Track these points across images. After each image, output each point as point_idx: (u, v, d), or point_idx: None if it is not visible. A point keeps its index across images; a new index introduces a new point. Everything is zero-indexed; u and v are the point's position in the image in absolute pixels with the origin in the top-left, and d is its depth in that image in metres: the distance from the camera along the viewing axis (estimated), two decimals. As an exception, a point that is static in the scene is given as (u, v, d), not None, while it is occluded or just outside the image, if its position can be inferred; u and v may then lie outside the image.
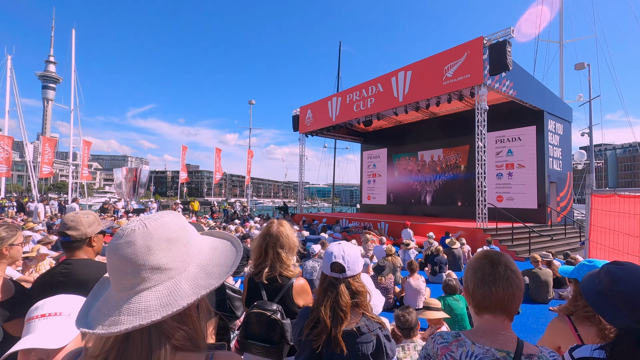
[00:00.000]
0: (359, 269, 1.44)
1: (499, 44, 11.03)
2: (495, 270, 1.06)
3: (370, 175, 23.13)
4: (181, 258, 0.71)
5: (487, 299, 1.07)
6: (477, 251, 1.18)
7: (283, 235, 1.92)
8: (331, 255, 1.42)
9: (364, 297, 1.42)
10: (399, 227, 13.42)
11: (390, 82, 14.85)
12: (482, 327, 1.11)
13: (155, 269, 0.67)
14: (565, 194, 15.86)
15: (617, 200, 2.73)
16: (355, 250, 1.46)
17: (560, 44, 26.52)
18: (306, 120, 20.46)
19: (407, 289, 5.40)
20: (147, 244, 0.67)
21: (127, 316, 0.63)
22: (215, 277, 0.72)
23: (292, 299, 1.85)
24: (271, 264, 1.87)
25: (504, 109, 14.76)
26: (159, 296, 0.66)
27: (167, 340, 0.66)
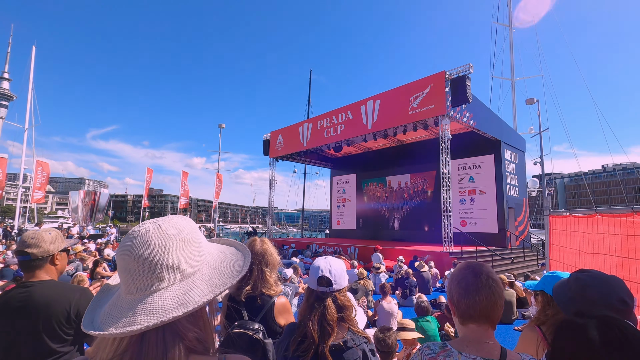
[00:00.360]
0: (345, 283, 1.46)
1: (459, 79, 11.89)
2: (478, 279, 1.12)
3: (340, 200, 23.36)
4: (195, 259, 0.72)
5: (472, 308, 1.11)
6: (459, 263, 1.24)
7: (267, 252, 1.90)
8: (318, 270, 1.43)
9: (349, 311, 1.43)
10: (368, 252, 13.52)
11: (360, 110, 15.41)
12: (467, 337, 1.15)
13: (172, 269, 0.67)
14: (522, 218, 16.81)
15: (572, 220, 2.97)
16: (342, 265, 1.48)
17: (512, 81, 28.96)
18: (277, 145, 20.55)
19: (379, 312, 5.40)
20: (164, 243, 0.68)
21: (144, 316, 0.62)
22: (229, 277, 0.73)
23: (273, 318, 1.81)
24: (254, 282, 1.84)
25: (466, 138, 15.69)
26: (176, 295, 0.66)
27: (181, 341, 0.66)
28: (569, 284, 1.27)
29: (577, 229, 2.90)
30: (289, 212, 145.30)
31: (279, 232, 66.97)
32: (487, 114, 15.25)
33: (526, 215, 17.38)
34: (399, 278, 8.02)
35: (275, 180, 22.00)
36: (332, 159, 23.57)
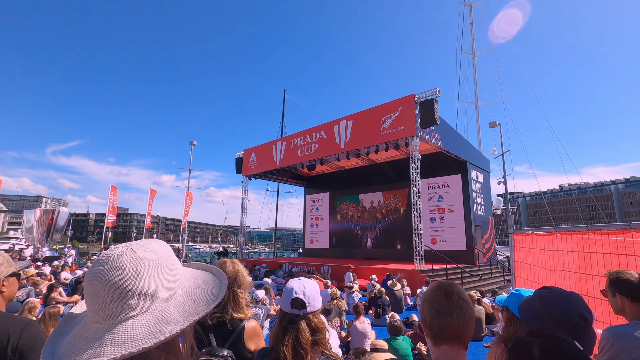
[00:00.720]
0: (319, 305, 1.44)
1: (427, 101, 12.43)
2: (450, 300, 1.13)
3: (313, 219, 23.29)
4: (169, 285, 0.69)
5: (444, 329, 1.12)
6: (431, 283, 1.26)
7: (239, 274, 1.85)
8: (291, 291, 1.40)
9: (323, 334, 1.40)
10: (342, 271, 13.46)
11: (333, 129, 15.68)
12: (440, 358, 1.16)
13: (144, 295, 0.64)
14: (488, 236, 17.45)
15: (534, 238, 3.13)
16: (315, 286, 1.46)
17: (476, 105, 30.68)
18: (250, 163, 20.38)
19: (353, 332, 5.34)
20: (136, 269, 0.65)
21: (111, 347, 0.58)
22: (204, 304, 0.70)
23: (243, 343, 1.74)
24: (224, 305, 1.77)
25: (434, 158, 16.29)
26: (147, 324, 0.62)
27: None
28: (533, 301, 1.32)
29: (539, 247, 3.05)
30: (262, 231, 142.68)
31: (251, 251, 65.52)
32: (454, 135, 15.96)
33: (492, 233, 18.06)
34: (372, 297, 8.01)
35: (247, 199, 21.67)
36: (306, 177, 23.64)
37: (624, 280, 1.74)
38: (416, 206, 12.83)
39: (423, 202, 16.22)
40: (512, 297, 1.77)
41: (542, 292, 1.32)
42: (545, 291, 1.31)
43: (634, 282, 1.71)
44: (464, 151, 16.35)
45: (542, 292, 1.32)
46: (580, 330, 1.18)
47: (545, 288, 1.34)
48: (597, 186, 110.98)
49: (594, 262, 2.45)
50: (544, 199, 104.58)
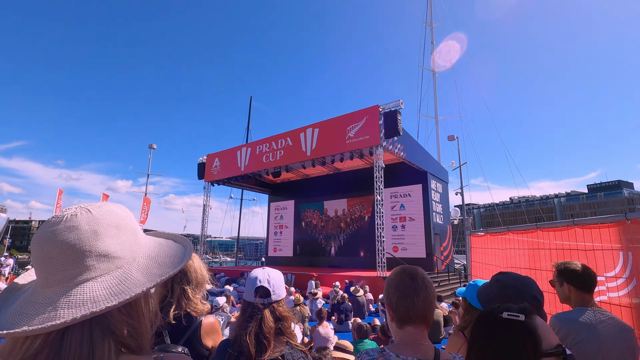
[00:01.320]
0: (284, 294, 1.40)
1: (391, 113, 12.87)
2: (415, 282, 1.17)
3: (277, 227, 23.02)
4: (130, 247, 0.63)
5: (411, 310, 1.15)
6: (394, 268, 1.28)
7: (191, 269, 1.74)
8: (255, 280, 1.36)
9: (288, 323, 1.37)
10: (305, 279, 13.37)
11: (299, 137, 15.71)
12: (404, 340, 1.17)
13: (103, 257, 0.58)
14: (446, 244, 18.18)
15: (490, 238, 3.30)
16: (280, 275, 1.43)
17: (436, 120, 32.21)
18: (213, 168, 19.83)
19: (315, 337, 5.28)
20: (94, 228, 0.59)
21: (69, 309, 0.52)
22: (169, 266, 0.65)
23: (199, 339, 1.65)
24: (177, 302, 1.67)
25: (397, 168, 16.79)
26: (108, 286, 0.56)
27: (111, 336, 0.56)
28: (491, 286, 1.39)
29: (493, 246, 3.23)
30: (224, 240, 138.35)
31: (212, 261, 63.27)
32: (415, 147, 16.59)
33: (450, 241, 18.84)
34: (334, 303, 8.01)
35: (209, 206, 20.99)
36: (271, 184, 23.38)
37: (571, 270, 1.87)
38: (379, 214, 13.10)
39: (386, 210, 16.60)
40: (469, 287, 1.84)
41: (499, 277, 1.39)
42: (502, 276, 1.38)
43: (579, 272, 1.85)
44: (425, 162, 17.03)
45: (499, 277, 1.39)
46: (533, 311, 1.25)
47: (502, 273, 1.41)
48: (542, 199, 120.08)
49: (542, 258, 2.62)
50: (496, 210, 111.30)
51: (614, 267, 2.02)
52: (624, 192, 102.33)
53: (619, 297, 2.01)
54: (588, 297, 1.80)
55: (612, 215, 2.02)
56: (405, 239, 16.99)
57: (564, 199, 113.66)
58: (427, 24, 34.84)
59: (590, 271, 1.84)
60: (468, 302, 1.83)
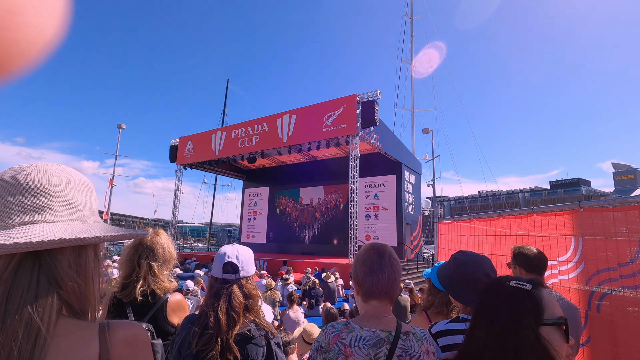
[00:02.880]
0: (253, 270, 1.41)
1: (368, 102, 12.93)
2: (382, 259, 1.20)
3: (251, 214, 22.84)
4: (93, 210, 0.64)
5: (375, 285, 1.19)
6: (363, 245, 1.32)
7: (158, 246, 1.71)
8: (224, 256, 1.35)
9: (255, 300, 1.38)
10: (278, 265, 13.42)
11: (276, 122, 15.52)
12: (368, 313, 1.21)
13: (69, 205, 0.58)
14: (417, 234, 18.74)
15: (456, 226, 3.44)
16: (249, 252, 1.43)
17: (412, 112, 32.74)
18: (186, 151, 19.28)
19: (286, 321, 5.35)
20: (66, 177, 0.59)
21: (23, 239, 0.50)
22: (126, 232, 0.65)
23: (165, 316, 1.63)
24: (144, 279, 1.63)
25: (372, 158, 16.99)
26: (66, 230, 0.55)
27: (57, 289, 0.55)
28: (449, 264, 1.45)
29: (460, 233, 3.37)
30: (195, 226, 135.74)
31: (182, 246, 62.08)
32: (391, 138, 16.82)
33: (420, 231, 19.43)
34: (306, 289, 8.11)
35: (181, 190, 20.48)
36: (245, 170, 23.07)
37: (523, 254, 1.99)
38: (353, 202, 13.28)
39: (360, 199, 16.86)
40: (434, 269, 1.91)
41: (456, 255, 1.45)
42: (459, 254, 1.45)
43: (529, 255, 1.97)
44: (399, 153, 17.33)
45: (456, 255, 1.45)
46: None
47: (460, 252, 1.48)
48: (508, 194, 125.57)
49: (504, 245, 2.77)
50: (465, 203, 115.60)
51: (566, 251, 2.17)
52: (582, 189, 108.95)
53: (569, 279, 2.16)
54: None
55: (567, 204, 2.16)
56: (378, 227, 17.35)
57: (528, 194, 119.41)
58: (407, 16, 35.02)
59: (541, 255, 1.97)
60: (432, 283, 1.91)
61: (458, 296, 1.35)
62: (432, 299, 1.90)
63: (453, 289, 1.37)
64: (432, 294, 1.90)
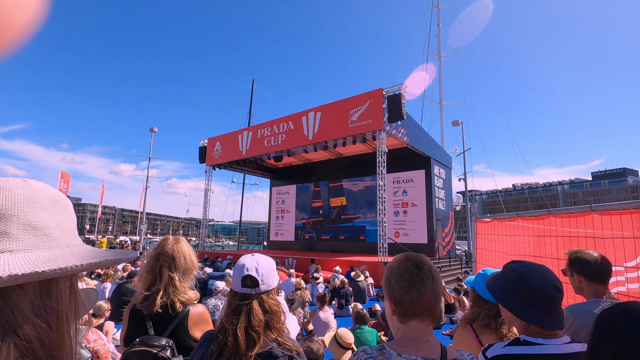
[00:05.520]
0: (274, 283, 1.28)
1: (395, 96, 12.55)
2: (422, 271, 1.03)
3: (279, 212, 23.01)
4: (67, 231, 0.52)
5: (417, 302, 1.02)
6: (396, 256, 1.15)
7: (179, 254, 1.62)
8: (243, 268, 1.23)
9: (278, 317, 1.24)
10: (306, 263, 13.38)
11: (301, 120, 15.46)
12: (407, 336, 1.04)
13: (32, 228, 0.47)
14: (448, 230, 18.11)
15: (496, 224, 3.17)
16: (270, 263, 1.30)
17: (440, 105, 31.67)
18: (214, 152, 19.68)
19: (316, 322, 5.24)
20: (29, 194, 0.48)
21: None
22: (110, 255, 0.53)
23: (187, 330, 1.53)
24: (164, 290, 1.55)
25: (400, 153, 16.57)
26: (28, 261, 0.44)
27: (13, 338, 0.43)
28: (505, 276, 1.25)
29: (500, 233, 3.09)
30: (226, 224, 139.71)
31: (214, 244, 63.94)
32: (419, 132, 16.31)
33: (452, 228, 18.76)
34: (334, 288, 7.98)
35: (211, 190, 20.96)
36: (272, 169, 23.25)
37: (582, 259, 1.74)
38: (381, 199, 12.98)
39: (388, 196, 16.50)
40: (479, 277, 1.71)
41: (514, 265, 1.25)
42: (517, 265, 1.24)
43: (590, 261, 1.71)
44: (428, 147, 16.77)
45: (514, 265, 1.25)
46: (554, 302, 1.12)
47: (515, 262, 1.27)
48: (545, 186, 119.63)
49: (552, 246, 2.49)
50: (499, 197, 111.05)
51: (635, 256, 1.88)
52: (629, 180, 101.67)
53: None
54: (602, 289, 1.67)
55: (634, 202, 1.87)
56: (407, 224, 16.91)
57: (568, 187, 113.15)
58: (433, 5, 33.85)
59: (604, 261, 1.70)
60: (477, 293, 1.70)
61: (521, 314, 1.15)
62: (478, 310, 1.70)
63: (514, 305, 1.17)
64: (478, 305, 1.70)
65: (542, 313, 1.11)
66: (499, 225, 3.13)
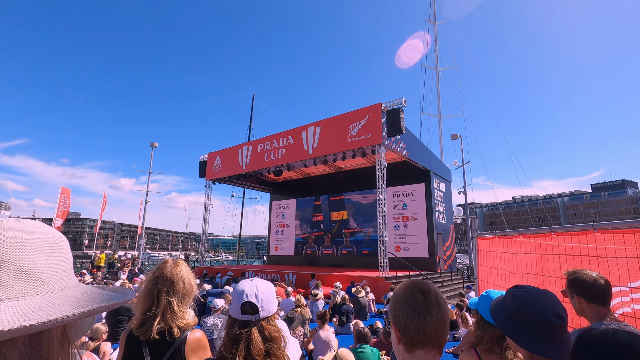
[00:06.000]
0: (274, 309, 1.25)
1: (394, 111, 12.66)
2: (428, 298, 1.01)
3: (279, 226, 22.89)
4: (62, 274, 0.50)
5: (422, 330, 0.99)
6: (402, 282, 1.13)
7: (178, 278, 1.59)
8: (242, 294, 1.20)
9: (278, 344, 1.22)
10: (306, 278, 13.23)
11: (301, 135, 15.55)
12: None
13: (24, 274, 0.45)
14: (449, 244, 17.99)
15: (498, 241, 3.14)
16: (270, 288, 1.28)
17: (439, 118, 31.94)
18: (214, 167, 19.72)
19: (316, 341, 5.14)
20: (22, 237, 0.46)
21: None
22: (107, 301, 0.51)
23: (184, 357, 1.50)
24: (162, 315, 1.52)
25: (399, 167, 16.61)
26: (19, 311, 0.42)
27: None
28: (506, 301, 1.22)
29: (503, 250, 3.06)
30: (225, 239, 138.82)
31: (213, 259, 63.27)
32: (418, 145, 16.39)
33: (453, 241, 18.64)
34: (335, 304, 7.86)
35: (211, 204, 20.90)
36: (272, 183, 23.25)
37: (580, 280, 1.70)
38: (381, 214, 12.93)
39: (388, 210, 16.46)
40: (482, 299, 1.68)
41: (515, 291, 1.22)
42: (518, 290, 1.22)
43: (589, 282, 1.67)
44: (428, 161, 16.82)
45: (515, 291, 1.22)
46: (556, 330, 1.09)
47: (517, 287, 1.25)
48: (545, 198, 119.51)
49: (554, 264, 2.46)
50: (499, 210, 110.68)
51: (640, 276, 1.85)
52: (628, 192, 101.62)
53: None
54: (604, 311, 1.63)
55: (636, 220, 1.85)
56: (408, 238, 16.80)
57: (568, 199, 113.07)
58: (430, 22, 34.56)
59: (603, 281, 1.65)
60: (480, 316, 1.67)
61: (522, 342, 1.12)
62: (482, 334, 1.66)
63: (515, 333, 1.15)
64: (482, 329, 1.66)
65: (544, 342, 1.08)
66: (501, 242, 3.10)
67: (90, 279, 12.08)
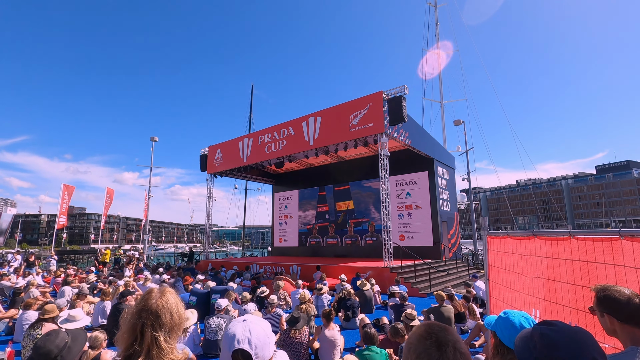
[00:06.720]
0: (270, 353, 1.11)
1: (396, 99, 12.37)
2: (444, 354, 0.86)
3: (282, 217, 22.85)
4: None
5: None
6: (417, 327, 0.97)
7: (164, 310, 1.42)
8: (233, 340, 1.06)
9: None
10: (311, 270, 13.20)
11: (302, 126, 15.31)
12: None
13: None
14: (454, 231, 17.87)
15: (510, 241, 2.98)
16: (265, 329, 1.13)
17: (441, 104, 31.44)
18: (215, 160, 19.56)
19: (321, 340, 5.06)
20: None
21: None
22: None
23: None
24: (147, 352, 1.36)
25: (402, 155, 16.38)
26: None
27: None
28: (533, 340, 1.06)
29: (515, 251, 2.90)
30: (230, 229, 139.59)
31: (219, 250, 63.82)
32: (420, 133, 16.11)
33: (457, 228, 18.52)
34: (340, 298, 7.78)
35: (213, 197, 20.82)
36: (274, 175, 23.12)
37: (613, 298, 1.51)
38: (385, 203, 12.78)
39: (391, 199, 16.33)
40: (500, 322, 1.53)
41: (543, 329, 1.06)
42: (547, 328, 1.05)
43: (622, 300, 1.48)
44: (431, 148, 16.57)
45: (543, 329, 1.06)
46: None
47: (546, 323, 1.09)
48: (549, 181, 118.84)
49: (568, 270, 2.30)
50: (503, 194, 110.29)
51: (675, 291, 1.69)
52: (634, 172, 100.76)
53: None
54: (639, 333, 1.46)
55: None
56: (412, 227, 16.70)
57: (572, 181, 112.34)
58: (430, 4, 33.69)
59: (638, 300, 1.45)
60: (498, 339, 1.52)
61: None
62: (498, 358, 1.52)
63: None
64: (500, 353, 1.52)
65: None
66: (513, 243, 2.94)
67: (94, 277, 12.08)
